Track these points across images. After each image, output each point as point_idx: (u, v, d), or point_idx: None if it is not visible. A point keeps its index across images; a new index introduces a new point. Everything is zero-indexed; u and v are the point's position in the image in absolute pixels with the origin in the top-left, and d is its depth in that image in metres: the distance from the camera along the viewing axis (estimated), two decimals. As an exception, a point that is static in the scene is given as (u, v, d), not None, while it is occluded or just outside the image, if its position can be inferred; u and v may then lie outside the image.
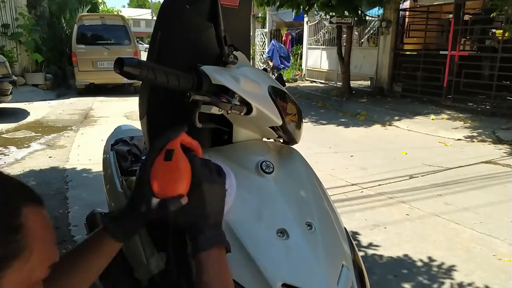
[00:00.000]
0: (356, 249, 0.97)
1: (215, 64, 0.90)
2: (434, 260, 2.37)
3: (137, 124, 1.46)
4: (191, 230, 0.70)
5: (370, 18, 9.42)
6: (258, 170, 0.88)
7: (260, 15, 15.88)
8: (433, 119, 6.46)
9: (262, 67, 7.69)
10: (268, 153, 0.95)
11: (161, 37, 0.97)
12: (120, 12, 25.91)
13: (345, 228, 0.98)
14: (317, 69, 11.98)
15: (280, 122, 0.91)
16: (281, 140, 1.04)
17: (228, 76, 0.84)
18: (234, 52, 0.92)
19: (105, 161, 1.77)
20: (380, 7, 7.16)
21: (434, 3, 8.72)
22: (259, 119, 0.90)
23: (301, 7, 7.69)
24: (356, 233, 2.70)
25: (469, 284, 2.15)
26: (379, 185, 3.64)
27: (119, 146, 1.75)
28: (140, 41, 26.52)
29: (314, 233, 0.83)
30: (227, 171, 0.81)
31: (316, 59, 11.90)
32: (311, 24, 12.05)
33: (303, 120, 1.05)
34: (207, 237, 0.69)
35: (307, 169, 1.00)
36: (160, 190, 0.70)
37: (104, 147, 1.86)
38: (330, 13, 8.09)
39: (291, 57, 13.38)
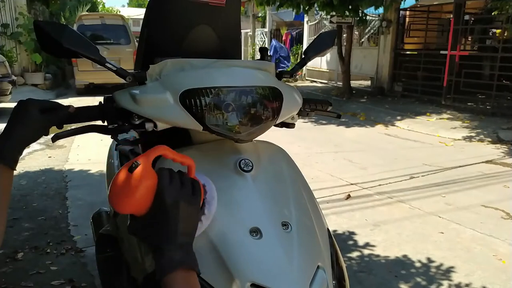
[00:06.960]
0: (338, 249, 0.95)
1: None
2: (434, 261, 2.37)
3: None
4: (154, 251, 0.66)
5: (371, 18, 9.42)
6: (237, 168, 0.86)
7: (260, 14, 15.87)
8: (431, 120, 6.45)
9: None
10: (247, 151, 0.92)
11: (148, 35, 0.99)
12: (120, 11, 25.95)
13: (328, 228, 0.96)
14: (317, 69, 11.97)
15: (200, 128, 0.83)
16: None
17: (128, 96, 0.84)
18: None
19: (109, 162, 1.77)
20: (381, 6, 7.12)
21: (435, 3, 8.71)
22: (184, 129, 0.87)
23: (301, 6, 7.68)
24: (356, 233, 2.69)
25: (469, 285, 2.14)
26: (379, 185, 3.63)
27: (122, 146, 1.75)
28: (140, 41, 26.41)
29: (289, 233, 0.81)
30: (207, 183, 0.77)
31: (316, 59, 11.81)
32: (311, 23, 12.03)
33: (304, 120, 1.04)
34: (172, 259, 0.64)
35: (290, 168, 0.98)
36: (114, 201, 0.66)
37: (109, 151, 1.86)
38: (331, 13, 8.08)
39: (291, 57, 13.36)
